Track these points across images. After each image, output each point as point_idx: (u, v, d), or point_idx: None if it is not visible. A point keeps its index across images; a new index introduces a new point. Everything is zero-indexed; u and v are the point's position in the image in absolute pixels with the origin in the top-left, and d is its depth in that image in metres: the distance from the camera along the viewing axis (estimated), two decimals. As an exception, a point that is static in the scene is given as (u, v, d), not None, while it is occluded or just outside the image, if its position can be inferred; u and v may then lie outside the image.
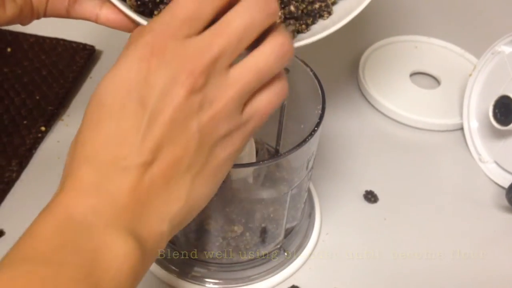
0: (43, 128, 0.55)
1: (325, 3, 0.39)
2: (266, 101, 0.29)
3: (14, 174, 0.51)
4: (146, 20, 0.37)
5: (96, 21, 0.38)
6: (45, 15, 0.39)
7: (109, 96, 0.27)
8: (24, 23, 0.39)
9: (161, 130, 0.27)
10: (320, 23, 0.39)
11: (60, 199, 0.26)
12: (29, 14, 0.38)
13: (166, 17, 0.28)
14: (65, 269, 0.24)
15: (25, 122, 0.55)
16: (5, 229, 0.47)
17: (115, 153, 0.27)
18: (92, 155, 0.27)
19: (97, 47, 0.65)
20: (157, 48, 0.27)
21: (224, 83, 0.28)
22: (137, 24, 0.38)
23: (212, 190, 0.30)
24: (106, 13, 0.38)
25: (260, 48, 0.28)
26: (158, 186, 0.27)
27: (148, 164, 0.27)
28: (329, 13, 0.39)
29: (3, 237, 0.46)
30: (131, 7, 0.37)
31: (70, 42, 0.64)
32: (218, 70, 0.27)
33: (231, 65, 0.28)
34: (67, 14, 0.39)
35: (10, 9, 0.36)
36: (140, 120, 0.27)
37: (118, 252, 0.25)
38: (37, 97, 0.58)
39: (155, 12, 0.38)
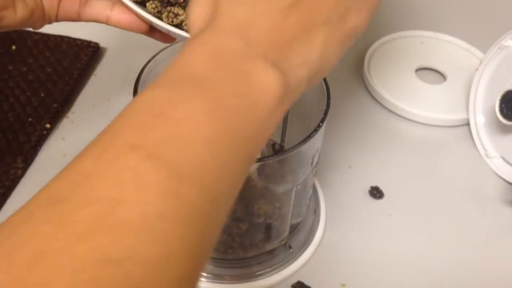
0: (48, 125, 0.55)
1: None
2: None
3: (20, 171, 0.51)
4: (158, 19, 0.37)
5: (107, 22, 0.39)
6: (56, 19, 0.39)
7: None
8: (35, 27, 0.39)
9: None
10: None
11: (211, 31, 0.27)
12: (41, 18, 0.38)
13: None
14: (225, 85, 0.25)
15: (30, 119, 0.56)
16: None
17: None
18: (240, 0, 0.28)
19: (102, 44, 0.65)
20: None
21: None
22: (149, 23, 0.38)
23: (338, 55, 0.31)
24: (117, 14, 0.38)
25: None
26: (299, 32, 0.28)
27: (293, 5, 0.28)
28: None
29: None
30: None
31: (75, 40, 0.64)
32: None
33: None
34: (78, 17, 0.39)
35: (20, 12, 0.36)
36: None
37: (270, 79, 0.26)
38: (42, 95, 0.58)
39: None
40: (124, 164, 0.21)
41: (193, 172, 0.22)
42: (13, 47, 0.63)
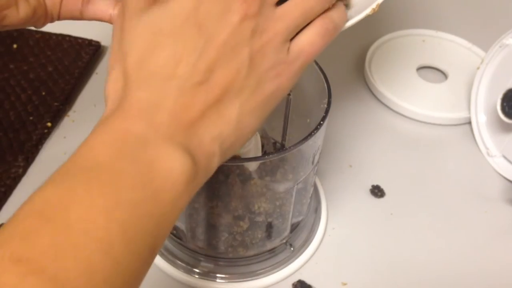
0: (49, 124, 0.55)
1: None
2: (309, 41, 0.31)
3: (21, 170, 0.51)
4: None
5: (109, 21, 0.38)
6: (59, 18, 0.39)
7: (167, 23, 0.28)
8: (38, 25, 0.39)
9: (216, 52, 0.28)
10: None
11: (117, 116, 0.27)
12: (43, 16, 0.38)
13: None
14: (124, 177, 0.25)
15: (31, 118, 0.56)
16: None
17: (172, 73, 0.28)
18: (150, 76, 0.28)
19: (103, 43, 0.65)
20: None
21: (274, 16, 0.29)
22: None
23: (259, 121, 0.31)
24: None
25: None
26: (210, 107, 0.28)
27: (201, 83, 0.28)
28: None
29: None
30: None
31: (76, 38, 0.64)
32: (268, 3, 0.29)
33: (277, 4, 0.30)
34: (80, 16, 0.39)
35: (23, 10, 0.36)
36: (196, 42, 0.28)
37: (175, 164, 0.26)
38: (43, 93, 0.58)
39: None
40: (6, 282, 0.20)
41: (82, 282, 0.21)
42: (14, 46, 0.63)
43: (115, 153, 0.25)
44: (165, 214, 0.25)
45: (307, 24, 0.31)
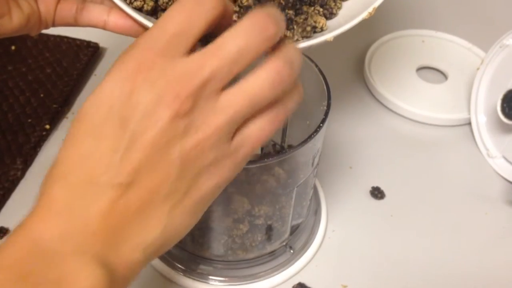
0: (47, 126, 0.55)
1: None
2: (257, 129, 0.28)
3: (19, 173, 0.51)
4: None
5: (104, 27, 0.38)
6: (53, 24, 0.38)
7: (90, 113, 0.26)
8: (32, 32, 0.38)
9: (141, 154, 0.25)
10: (333, 20, 0.39)
11: (29, 222, 0.25)
12: (37, 24, 0.37)
13: (155, 32, 0.26)
14: None
15: (29, 120, 0.55)
16: (11, 228, 0.47)
17: (90, 172, 0.25)
18: (66, 173, 0.26)
19: (101, 44, 0.65)
20: (144, 64, 0.26)
21: (213, 109, 0.26)
22: (146, 29, 0.37)
23: (192, 221, 0.28)
24: (114, 19, 0.37)
25: (256, 72, 0.27)
26: (133, 213, 0.25)
27: (124, 187, 0.25)
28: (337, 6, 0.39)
29: (8, 235, 0.46)
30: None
31: (74, 40, 0.64)
32: (207, 94, 0.26)
33: (223, 89, 0.26)
34: (75, 22, 0.38)
35: (16, 18, 0.36)
36: (119, 140, 0.25)
37: (84, 283, 0.24)
38: (42, 95, 0.58)
39: None
40: None
41: None
42: (13, 48, 0.63)
43: (19, 273, 0.23)
44: None
45: None
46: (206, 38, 0.27)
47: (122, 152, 0.25)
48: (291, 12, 0.36)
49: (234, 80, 0.27)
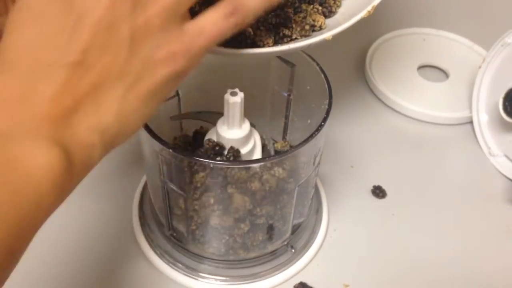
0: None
1: None
2: (212, 22, 0.27)
3: None
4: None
5: None
6: None
7: (33, 1, 0.25)
8: None
9: (88, 33, 0.25)
10: (333, 18, 0.39)
11: None
12: None
13: None
14: None
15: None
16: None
17: (38, 57, 0.25)
18: (14, 60, 0.25)
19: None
20: None
21: None
22: None
23: (147, 110, 0.27)
24: None
25: None
26: (85, 94, 0.25)
27: (74, 66, 0.25)
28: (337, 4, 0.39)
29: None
30: None
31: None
32: None
33: None
34: None
35: None
36: (65, 21, 0.25)
37: (39, 161, 0.23)
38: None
39: None
40: None
41: None
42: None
43: None
44: (27, 217, 0.23)
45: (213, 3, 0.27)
46: None
47: (68, 33, 0.25)
48: (290, 10, 0.36)
49: None
